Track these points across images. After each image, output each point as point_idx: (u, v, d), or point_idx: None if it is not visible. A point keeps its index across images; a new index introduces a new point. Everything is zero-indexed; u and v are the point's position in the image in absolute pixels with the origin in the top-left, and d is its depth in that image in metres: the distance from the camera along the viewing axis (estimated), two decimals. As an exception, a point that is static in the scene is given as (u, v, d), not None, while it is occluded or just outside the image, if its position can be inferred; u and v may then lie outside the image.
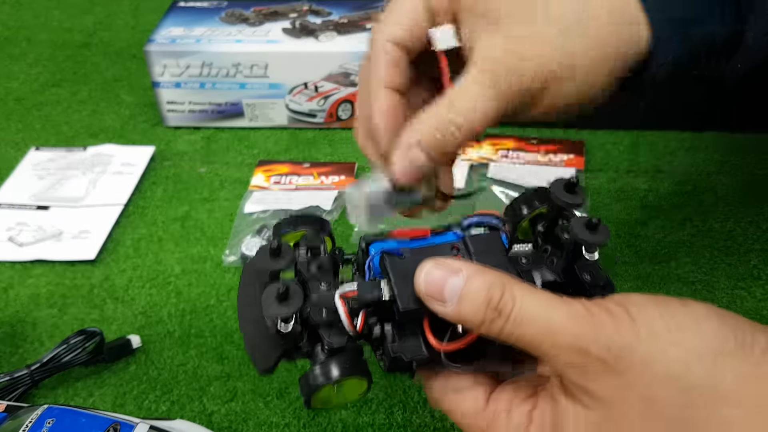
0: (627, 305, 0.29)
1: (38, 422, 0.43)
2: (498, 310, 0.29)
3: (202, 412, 0.51)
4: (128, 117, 0.83)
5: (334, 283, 0.35)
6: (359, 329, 0.33)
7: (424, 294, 0.30)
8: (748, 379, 0.27)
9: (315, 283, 0.35)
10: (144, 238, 0.66)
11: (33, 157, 0.76)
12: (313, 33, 0.77)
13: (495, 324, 0.29)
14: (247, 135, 0.79)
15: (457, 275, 0.30)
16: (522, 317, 0.29)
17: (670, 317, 0.28)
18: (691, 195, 0.67)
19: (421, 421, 0.49)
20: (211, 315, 0.58)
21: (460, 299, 0.29)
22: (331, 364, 0.33)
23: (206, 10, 0.83)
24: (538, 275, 0.36)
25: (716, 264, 0.60)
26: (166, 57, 0.75)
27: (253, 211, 0.67)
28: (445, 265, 0.30)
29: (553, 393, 0.30)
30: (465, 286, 0.30)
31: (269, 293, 0.32)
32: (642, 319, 0.28)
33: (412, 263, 0.32)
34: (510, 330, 0.29)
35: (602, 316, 0.28)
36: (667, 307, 0.29)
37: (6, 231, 0.66)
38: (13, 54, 0.96)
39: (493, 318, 0.29)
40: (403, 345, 0.33)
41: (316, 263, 0.36)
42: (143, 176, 0.73)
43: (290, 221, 0.38)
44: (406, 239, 0.35)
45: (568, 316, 0.28)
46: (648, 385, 0.27)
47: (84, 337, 0.53)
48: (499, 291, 0.29)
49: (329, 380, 0.33)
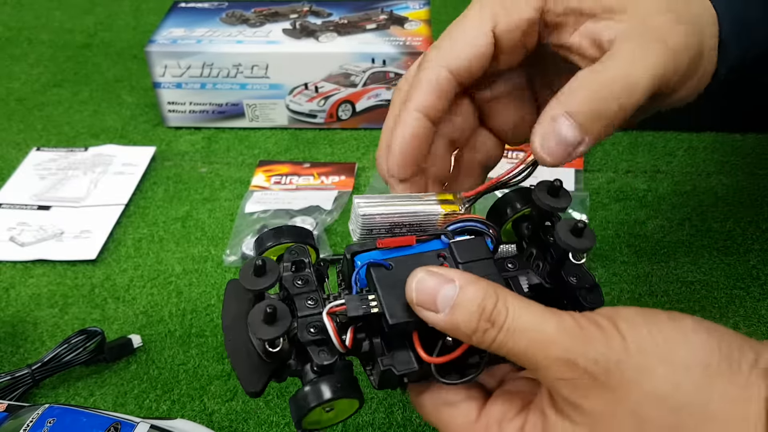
0: (616, 319, 0.28)
1: (39, 422, 0.43)
2: (491, 321, 0.29)
3: (203, 412, 0.51)
4: (129, 117, 0.83)
5: (320, 297, 0.34)
6: (349, 345, 0.32)
7: (416, 303, 0.30)
8: (736, 401, 0.27)
9: (301, 300, 0.34)
10: (145, 238, 0.66)
11: (34, 157, 0.76)
12: (313, 34, 0.77)
13: (488, 334, 0.29)
14: (247, 135, 0.79)
15: (450, 284, 0.29)
16: (515, 328, 0.29)
17: (658, 332, 0.28)
18: (690, 195, 0.67)
19: (420, 420, 0.50)
20: (211, 314, 0.58)
21: (453, 308, 0.29)
22: (322, 384, 0.32)
23: (207, 11, 0.83)
24: (525, 279, 0.35)
25: (715, 264, 0.60)
26: (166, 57, 0.75)
27: (254, 211, 0.68)
28: (437, 273, 0.30)
29: (542, 407, 0.30)
30: (458, 295, 0.29)
31: (256, 314, 0.32)
32: (631, 334, 0.28)
33: (400, 274, 0.31)
34: (502, 340, 0.29)
35: (591, 329, 0.28)
36: (655, 321, 0.28)
37: (7, 231, 0.67)
38: (15, 54, 0.96)
39: (486, 328, 0.29)
40: (393, 359, 0.32)
41: (301, 278, 0.35)
42: (144, 176, 0.73)
43: (273, 234, 0.37)
44: (391, 248, 0.34)
45: (558, 329, 0.28)
46: (638, 402, 0.27)
47: (85, 336, 0.53)
48: (493, 300, 0.29)
49: (320, 402, 0.32)
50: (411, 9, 0.82)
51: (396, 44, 0.75)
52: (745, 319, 0.55)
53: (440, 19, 1.00)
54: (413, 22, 0.80)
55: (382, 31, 0.78)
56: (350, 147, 0.77)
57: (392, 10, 0.82)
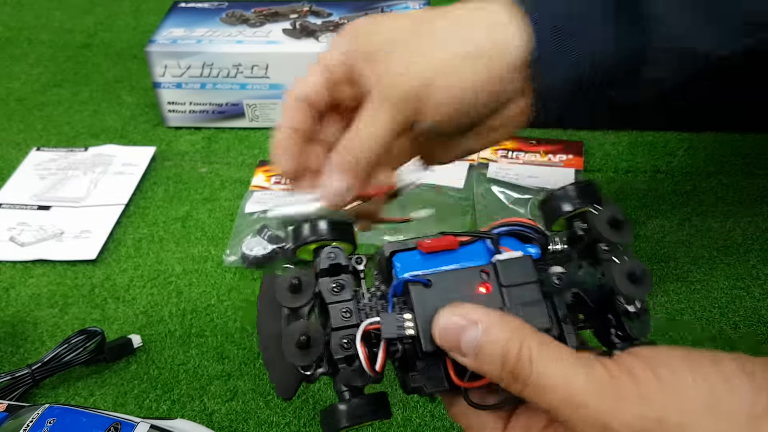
0: (655, 366, 0.27)
1: (39, 422, 0.43)
2: (514, 375, 0.28)
3: (203, 412, 0.51)
4: (129, 117, 0.83)
5: (355, 308, 0.33)
6: (379, 370, 0.32)
7: (441, 345, 0.30)
8: None
9: (336, 310, 0.33)
10: (145, 238, 0.66)
11: (34, 157, 0.76)
12: (313, 34, 0.77)
13: (513, 387, 0.28)
14: (247, 135, 0.79)
15: (474, 327, 0.29)
16: (538, 384, 0.27)
17: (703, 380, 0.26)
18: (690, 195, 0.67)
19: (420, 420, 0.50)
20: (211, 314, 0.58)
21: (477, 353, 0.29)
22: (356, 406, 0.32)
23: (207, 11, 0.83)
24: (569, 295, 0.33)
25: (715, 264, 0.60)
26: (166, 58, 0.75)
27: (254, 211, 0.68)
28: (462, 313, 0.30)
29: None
30: (482, 338, 0.29)
31: (290, 338, 0.32)
32: (672, 384, 0.26)
33: (438, 295, 0.31)
34: (529, 394, 0.28)
35: (626, 383, 0.27)
36: (699, 367, 0.27)
37: (7, 231, 0.67)
38: (15, 54, 0.96)
39: (509, 381, 0.28)
40: (425, 376, 0.32)
41: (337, 284, 0.34)
42: (144, 176, 0.74)
43: (311, 230, 0.36)
44: (433, 252, 0.33)
45: (587, 383, 0.27)
46: None
47: (85, 336, 0.53)
48: (516, 349, 0.28)
49: (352, 424, 0.32)
50: (411, 9, 0.82)
51: (396, 44, 0.75)
52: (745, 319, 0.55)
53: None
54: (413, 22, 0.79)
55: (382, 31, 0.78)
56: (350, 147, 0.77)
57: (392, 11, 0.82)
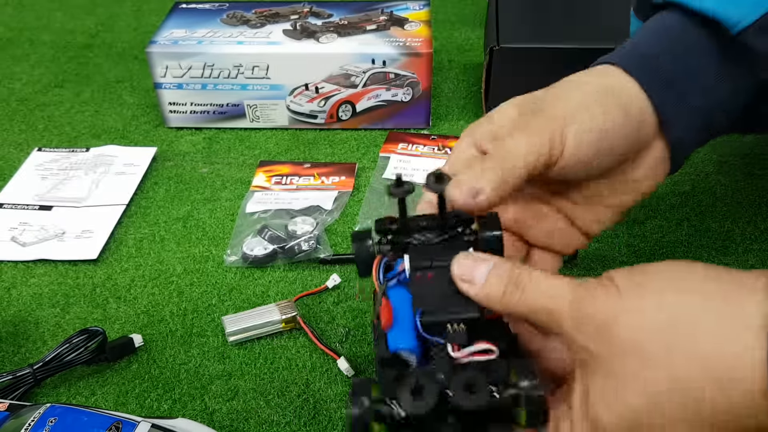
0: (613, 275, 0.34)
1: (40, 421, 0.43)
2: (516, 283, 0.35)
3: (204, 411, 0.51)
4: (130, 118, 0.83)
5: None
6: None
7: (457, 276, 0.36)
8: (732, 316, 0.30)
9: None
10: (146, 238, 0.67)
11: (36, 157, 0.77)
12: (313, 35, 0.78)
13: (512, 296, 0.35)
14: (248, 136, 0.79)
15: (486, 262, 0.36)
16: (534, 287, 0.35)
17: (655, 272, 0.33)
18: (689, 195, 0.67)
19: (420, 420, 0.50)
20: (212, 314, 0.59)
21: (488, 278, 0.35)
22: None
23: (208, 12, 0.83)
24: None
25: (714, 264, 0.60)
26: (167, 58, 0.76)
27: (255, 211, 0.68)
28: (475, 256, 0.37)
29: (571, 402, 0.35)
30: (492, 269, 0.35)
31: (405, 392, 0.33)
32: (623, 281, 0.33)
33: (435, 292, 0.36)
34: (525, 299, 0.34)
35: (593, 283, 0.34)
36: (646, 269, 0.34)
37: (9, 231, 0.67)
38: (16, 55, 0.96)
39: (512, 290, 0.35)
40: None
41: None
42: (145, 176, 0.74)
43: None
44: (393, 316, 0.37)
45: (569, 284, 0.34)
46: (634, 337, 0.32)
47: (86, 336, 0.53)
48: (518, 268, 0.35)
49: None
50: (411, 10, 0.83)
51: (396, 45, 0.76)
52: (743, 318, 0.55)
53: (440, 19, 1.01)
54: (413, 23, 0.80)
55: (382, 32, 0.78)
56: (350, 147, 0.77)
57: (392, 11, 0.82)
